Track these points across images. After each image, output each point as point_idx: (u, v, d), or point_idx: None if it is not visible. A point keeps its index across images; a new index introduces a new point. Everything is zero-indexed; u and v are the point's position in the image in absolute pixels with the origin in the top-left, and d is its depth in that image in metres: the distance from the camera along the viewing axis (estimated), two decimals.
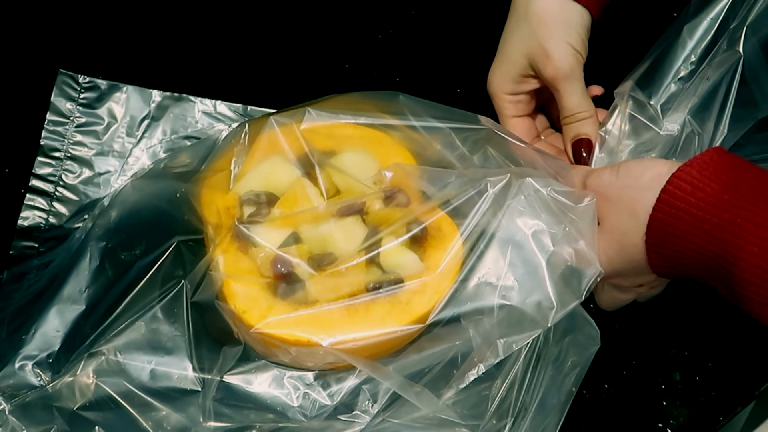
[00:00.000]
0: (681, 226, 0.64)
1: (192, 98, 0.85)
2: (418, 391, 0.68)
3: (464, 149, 0.74)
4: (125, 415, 0.69)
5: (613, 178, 0.70)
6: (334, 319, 0.68)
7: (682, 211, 0.64)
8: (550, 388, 0.69)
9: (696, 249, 0.64)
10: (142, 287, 0.71)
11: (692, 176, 0.65)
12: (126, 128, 0.84)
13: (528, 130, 0.83)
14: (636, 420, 0.76)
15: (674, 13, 0.94)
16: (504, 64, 0.80)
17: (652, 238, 0.66)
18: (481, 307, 0.69)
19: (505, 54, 0.80)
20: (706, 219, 0.63)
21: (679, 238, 0.64)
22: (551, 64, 0.77)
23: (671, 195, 0.65)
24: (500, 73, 0.81)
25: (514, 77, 0.80)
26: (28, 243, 0.79)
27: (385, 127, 0.76)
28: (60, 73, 0.84)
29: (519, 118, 0.82)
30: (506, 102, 0.81)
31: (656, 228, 0.65)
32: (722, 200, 0.63)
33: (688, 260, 0.65)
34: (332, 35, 0.92)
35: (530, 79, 0.80)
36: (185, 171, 0.76)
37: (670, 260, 0.66)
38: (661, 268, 0.67)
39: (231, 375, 0.70)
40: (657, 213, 0.65)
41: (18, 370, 0.70)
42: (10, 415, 0.68)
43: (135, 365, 0.69)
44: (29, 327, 0.71)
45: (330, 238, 0.71)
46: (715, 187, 0.64)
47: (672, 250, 0.65)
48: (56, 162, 0.82)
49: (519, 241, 0.69)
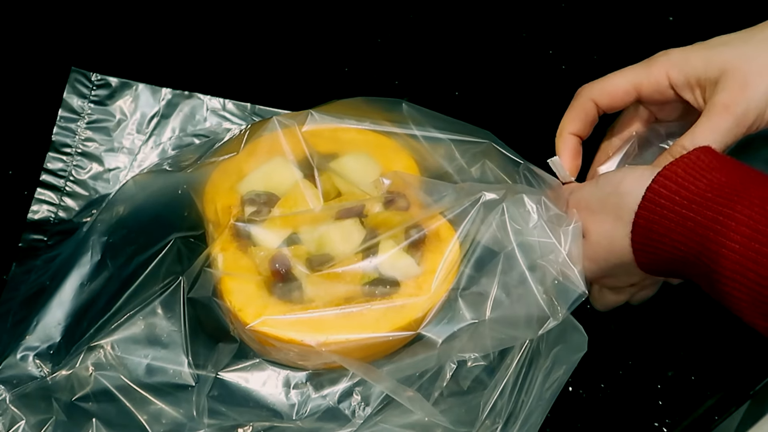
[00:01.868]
0: (665, 224, 0.64)
1: (201, 96, 0.87)
2: (411, 396, 0.69)
3: (462, 161, 0.75)
4: (122, 409, 0.70)
5: (593, 188, 0.70)
6: (329, 320, 0.69)
7: (667, 210, 0.64)
8: (538, 395, 0.70)
9: (680, 247, 0.64)
10: (141, 282, 0.72)
11: (677, 174, 0.65)
12: (136, 125, 0.86)
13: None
14: (632, 419, 0.77)
15: (670, 17, 0.94)
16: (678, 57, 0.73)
17: (638, 236, 0.66)
18: (473, 316, 0.70)
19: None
20: (689, 216, 0.63)
21: (663, 236, 0.65)
22: (737, 95, 0.70)
23: (656, 193, 0.65)
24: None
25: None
26: (37, 236, 0.80)
27: (387, 134, 0.76)
28: (72, 71, 0.85)
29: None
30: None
31: (641, 226, 0.66)
32: (706, 198, 0.63)
33: (673, 257, 0.65)
34: (333, 39, 0.93)
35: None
36: (188, 169, 0.77)
37: (656, 258, 0.66)
38: (647, 266, 0.68)
39: (226, 372, 0.71)
40: (642, 211, 0.65)
41: (20, 360, 0.71)
42: (11, 404, 0.70)
43: (132, 359, 0.71)
44: (32, 318, 0.73)
45: (328, 240, 0.72)
46: (700, 185, 0.64)
47: (657, 248, 0.65)
48: (67, 157, 0.84)
49: (509, 254, 0.69)
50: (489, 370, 0.71)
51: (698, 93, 0.72)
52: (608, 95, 0.75)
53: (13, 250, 0.80)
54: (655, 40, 0.92)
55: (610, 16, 0.95)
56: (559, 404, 0.74)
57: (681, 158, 0.66)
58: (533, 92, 0.91)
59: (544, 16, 0.96)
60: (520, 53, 0.94)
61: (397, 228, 0.71)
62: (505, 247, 0.70)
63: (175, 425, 0.70)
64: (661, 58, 0.74)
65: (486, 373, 0.71)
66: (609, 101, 0.75)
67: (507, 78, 0.92)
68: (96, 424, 0.70)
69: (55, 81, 0.86)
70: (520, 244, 0.70)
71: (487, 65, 0.91)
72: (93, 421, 0.70)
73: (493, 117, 0.78)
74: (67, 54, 0.89)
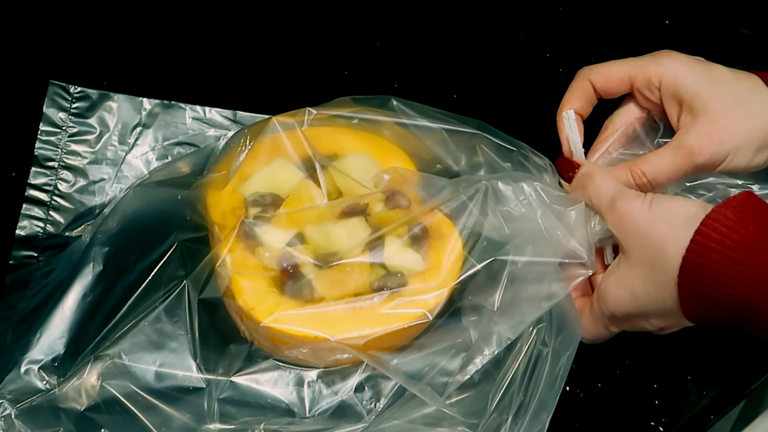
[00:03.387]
0: (716, 268, 0.62)
1: (182, 105, 0.86)
2: (423, 387, 0.70)
3: (457, 151, 0.76)
4: (131, 417, 0.69)
5: (645, 208, 0.67)
6: (340, 315, 0.69)
7: (717, 253, 0.62)
8: (550, 383, 0.71)
9: (731, 292, 0.62)
10: (144, 288, 0.71)
11: (727, 218, 0.63)
12: (118, 136, 0.85)
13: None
14: (629, 419, 0.77)
15: (666, 20, 0.97)
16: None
17: (685, 280, 0.63)
18: (480, 305, 0.71)
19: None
20: (742, 261, 0.61)
21: (713, 280, 0.62)
22: (706, 145, 0.70)
23: (705, 236, 0.63)
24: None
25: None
26: (27, 252, 0.79)
27: (379, 124, 0.77)
28: (51, 84, 0.84)
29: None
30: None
31: (689, 270, 0.63)
32: (758, 242, 0.61)
33: (722, 303, 0.63)
34: (332, 42, 0.93)
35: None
36: (186, 177, 0.77)
37: (704, 303, 0.64)
38: (693, 311, 0.65)
39: (236, 374, 0.71)
40: (690, 255, 0.63)
41: (23, 374, 0.70)
42: (16, 419, 0.69)
43: (140, 366, 0.70)
44: (34, 332, 0.72)
45: (335, 238, 0.72)
46: (751, 229, 0.62)
47: (706, 293, 0.63)
48: (51, 171, 0.83)
49: (515, 243, 0.70)
50: (496, 362, 0.71)
51: (675, 112, 0.73)
52: (603, 78, 0.75)
53: (3, 267, 0.78)
54: (651, 43, 0.94)
55: (607, 20, 0.97)
56: (556, 404, 0.75)
57: (728, 201, 0.64)
58: (531, 94, 0.92)
59: (542, 19, 0.97)
60: (517, 56, 0.95)
61: (401, 225, 0.72)
62: (509, 236, 0.71)
63: (185, 429, 0.70)
64: (663, 60, 0.74)
65: (493, 365, 0.71)
66: (603, 84, 0.76)
67: (505, 80, 0.93)
68: None
69: (34, 95, 0.85)
70: (524, 230, 0.71)
71: (485, 68, 0.92)
72: (102, 431, 0.69)
73: (491, 119, 0.79)
74: (44, 67, 0.88)
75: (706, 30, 0.96)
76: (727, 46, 0.96)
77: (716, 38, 0.96)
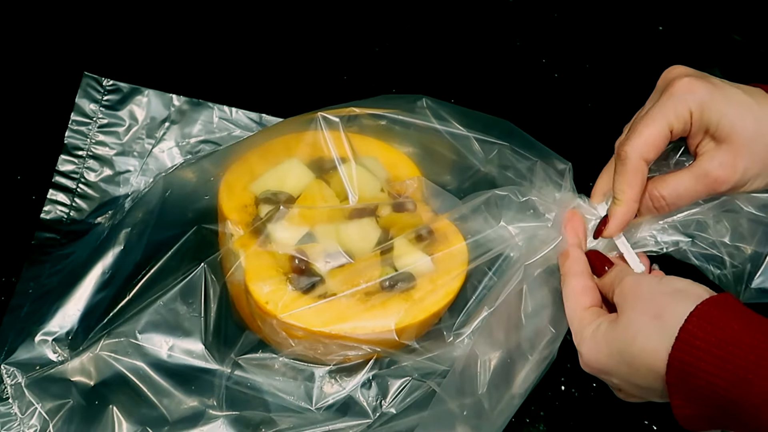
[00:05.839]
0: (702, 366, 0.60)
1: (210, 104, 0.88)
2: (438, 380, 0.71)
3: (482, 156, 0.77)
4: (140, 395, 0.70)
5: (654, 282, 0.66)
6: (353, 313, 0.70)
7: (703, 351, 0.60)
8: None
9: (718, 391, 0.59)
10: (161, 268, 0.73)
11: (711, 315, 0.61)
12: (146, 130, 0.86)
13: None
14: (624, 417, 0.77)
15: (659, 27, 0.98)
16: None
17: (673, 378, 0.61)
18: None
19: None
20: (729, 359, 0.59)
21: (700, 378, 0.60)
22: (730, 174, 0.70)
23: (690, 334, 0.61)
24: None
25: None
26: (49, 235, 0.81)
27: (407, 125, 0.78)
28: (84, 76, 0.86)
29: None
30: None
31: (676, 367, 0.61)
32: (744, 341, 0.59)
33: (710, 402, 0.60)
34: (331, 48, 0.95)
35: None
36: (208, 172, 0.78)
37: (693, 401, 0.61)
38: (683, 409, 0.62)
39: (246, 363, 0.72)
40: (676, 352, 0.61)
41: (37, 344, 0.72)
42: (27, 388, 0.70)
43: (152, 345, 0.71)
44: (51, 306, 0.73)
45: (346, 237, 0.73)
46: (735, 327, 0.60)
47: (693, 391, 0.61)
48: (79, 160, 0.85)
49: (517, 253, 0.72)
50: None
51: (698, 139, 0.72)
52: (655, 149, 0.71)
53: (23, 250, 0.80)
54: (645, 49, 0.96)
55: (602, 26, 0.98)
56: (551, 402, 0.75)
57: (710, 299, 0.62)
58: (527, 99, 0.94)
59: (538, 25, 0.99)
60: (514, 61, 0.97)
61: (411, 228, 0.74)
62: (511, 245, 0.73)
63: (193, 412, 0.71)
64: (685, 96, 0.71)
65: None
66: (656, 154, 0.72)
67: (501, 85, 0.95)
68: (114, 411, 0.70)
69: (68, 86, 0.87)
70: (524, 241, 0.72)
71: (482, 73, 0.94)
72: (111, 407, 0.70)
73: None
74: (80, 59, 0.90)
75: (698, 36, 0.98)
76: (719, 52, 0.97)
77: (709, 44, 0.98)
